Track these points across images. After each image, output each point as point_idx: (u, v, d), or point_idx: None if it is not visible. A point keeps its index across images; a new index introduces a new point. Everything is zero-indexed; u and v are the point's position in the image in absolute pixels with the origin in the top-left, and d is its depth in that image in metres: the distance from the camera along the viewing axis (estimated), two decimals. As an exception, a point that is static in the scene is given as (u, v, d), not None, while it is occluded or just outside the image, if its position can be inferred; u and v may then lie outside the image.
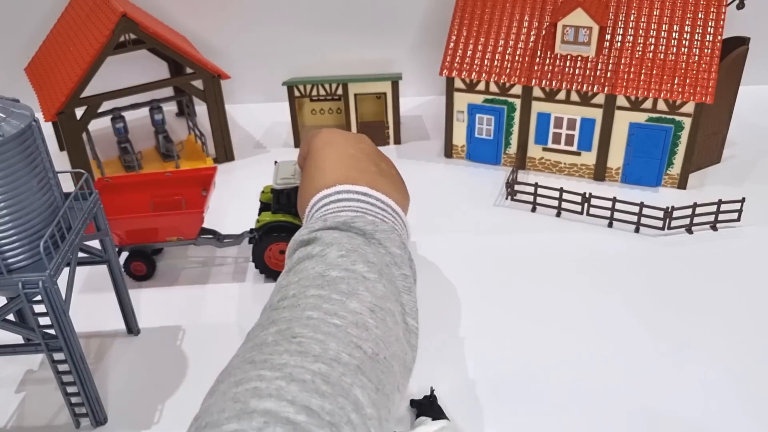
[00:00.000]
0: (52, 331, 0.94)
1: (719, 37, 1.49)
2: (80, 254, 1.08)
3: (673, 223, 1.43)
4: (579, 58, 1.54)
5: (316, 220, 0.82)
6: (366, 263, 0.75)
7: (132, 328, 1.21)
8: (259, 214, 1.30)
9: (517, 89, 1.60)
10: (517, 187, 1.55)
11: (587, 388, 1.07)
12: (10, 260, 0.91)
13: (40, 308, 0.92)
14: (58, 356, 0.96)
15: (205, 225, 1.33)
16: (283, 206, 1.24)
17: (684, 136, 1.52)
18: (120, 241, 1.30)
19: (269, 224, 1.25)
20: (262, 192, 1.33)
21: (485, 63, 1.61)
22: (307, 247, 0.78)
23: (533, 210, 1.53)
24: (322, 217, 0.83)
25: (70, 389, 0.99)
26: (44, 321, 0.93)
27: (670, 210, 1.41)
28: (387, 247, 0.79)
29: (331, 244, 0.76)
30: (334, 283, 0.72)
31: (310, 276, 0.73)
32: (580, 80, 1.53)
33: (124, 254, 1.33)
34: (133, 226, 1.28)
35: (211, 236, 1.36)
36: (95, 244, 1.11)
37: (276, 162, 1.26)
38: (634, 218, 1.43)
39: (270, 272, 1.31)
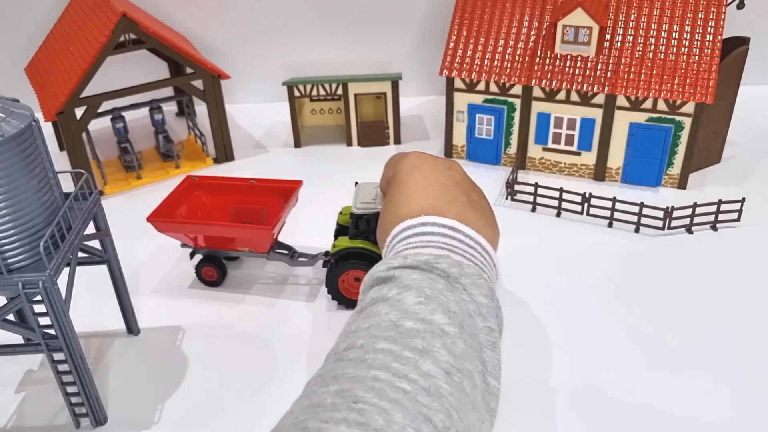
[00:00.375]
0: (52, 331, 0.94)
1: (719, 37, 1.49)
2: (80, 254, 1.08)
3: (673, 223, 1.43)
4: (579, 58, 1.54)
5: (395, 255, 0.74)
6: (446, 313, 0.67)
7: (132, 328, 1.21)
8: (336, 237, 1.25)
9: (517, 89, 1.61)
10: (517, 187, 1.55)
11: (587, 389, 1.06)
12: (10, 260, 0.91)
13: (40, 308, 0.92)
14: (58, 356, 0.96)
15: (282, 239, 1.32)
16: (361, 232, 1.17)
17: (684, 136, 1.52)
18: (195, 244, 1.30)
19: (346, 251, 1.18)
20: (340, 213, 1.28)
21: (485, 63, 1.61)
22: (383, 288, 0.70)
23: (533, 210, 1.53)
24: (402, 252, 0.75)
25: (70, 389, 0.99)
26: (44, 321, 0.93)
27: (670, 210, 1.41)
28: (472, 295, 0.71)
29: (409, 287, 0.69)
30: (407, 336, 0.64)
31: (382, 325, 0.66)
32: (580, 80, 1.53)
33: (197, 257, 1.32)
34: (207, 232, 1.27)
35: (285, 252, 1.31)
36: (95, 244, 1.11)
37: (356, 183, 1.19)
38: (634, 218, 1.43)
39: (343, 299, 1.23)
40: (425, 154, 0.91)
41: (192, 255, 1.33)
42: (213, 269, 1.31)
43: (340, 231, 1.26)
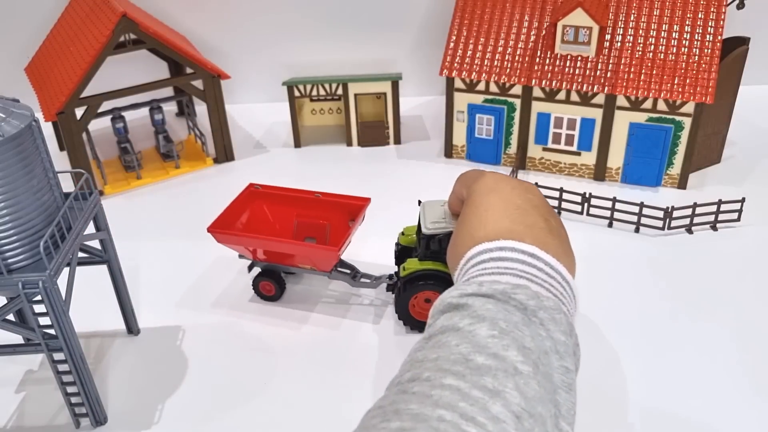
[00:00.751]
0: (52, 331, 0.94)
1: (719, 37, 1.49)
2: (80, 254, 1.08)
3: (673, 223, 1.43)
4: (579, 58, 1.54)
5: (470, 281, 0.70)
6: (521, 350, 0.62)
7: (132, 328, 1.21)
8: (398, 259, 1.21)
9: (517, 89, 1.60)
10: (517, 187, 1.55)
11: (587, 389, 1.06)
12: (10, 260, 0.91)
13: (40, 308, 0.92)
14: (58, 356, 0.96)
15: (344, 258, 1.26)
16: (433, 253, 1.11)
17: (684, 136, 1.52)
18: (254, 256, 1.26)
19: (416, 273, 1.14)
20: (402, 234, 1.23)
21: (485, 63, 1.61)
22: (455, 316, 0.66)
23: (533, 210, 1.53)
24: (477, 278, 0.71)
25: (70, 389, 0.99)
26: (44, 321, 0.93)
27: (670, 210, 1.41)
28: (550, 331, 0.66)
29: (482, 318, 0.64)
30: (478, 373, 0.60)
31: (452, 358, 0.61)
32: (580, 80, 1.53)
33: (256, 270, 1.28)
34: (269, 247, 1.23)
35: (347, 272, 1.26)
36: (95, 244, 1.11)
37: (420, 202, 1.12)
38: (634, 218, 1.43)
39: (413, 322, 1.19)
40: (503, 175, 0.86)
41: (250, 268, 1.29)
42: (271, 284, 1.26)
43: (403, 252, 1.21)
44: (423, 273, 1.13)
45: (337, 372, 1.13)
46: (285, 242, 1.25)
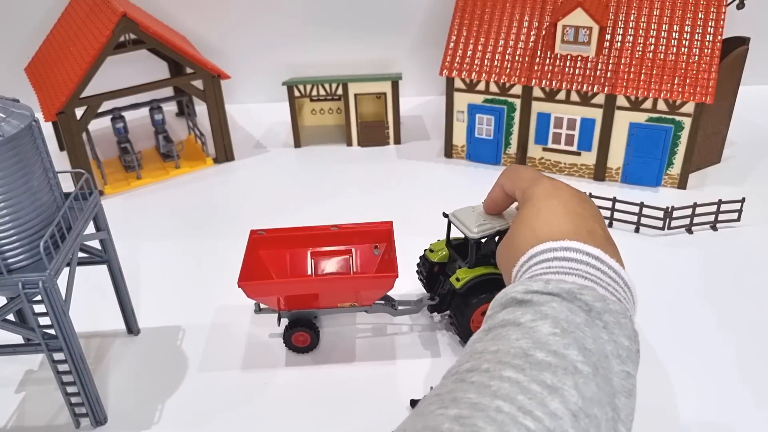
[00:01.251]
0: (52, 331, 0.94)
1: (719, 37, 1.49)
2: (80, 254, 1.08)
3: (673, 223, 1.43)
4: (579, 58, 1.54)
5: (536, 279, 0.69)
6: (581, 350, 0.62)
7: (132, 328, 1.21)
8: (428, 280, 1.17)
9: (517, 89, 1.61)
10: (517, 187, 1.55)
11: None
12: (10, 260, 0.91)
13: (40, 308, 0.92)
14: (58, 356, 0.96)
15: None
16: (482, 258, 1.08)
17: (684, 136, 1.52)
18: (281, 306, 1.14)
19: (476, 280, 1.08)
20: (431, 251, 1.18)
21: (485, 63, 1.61)
22: (517, 311, 0.66)
23: (533, 210, 1.53)
24: (543, 275, 0.71)
25: (70, 389, 0.99)
26: (44, 321, 0.93)
27: (670, 210, 1.41)
28: (613, 334, 0.66)
29: (545, 315, 0.64)
30: (538, 368, 0.59)
31: (512, 351, 0.61)
32: (580, 80, 1.53)
33: (284, 321, 1.17)
34: (318, 289, 1.12)
35: (383, 302, 1.17)
36: (95, 244, 1.11)
37: (447, 214, 1.10)
38: (634, 218, 1.43)
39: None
40: (561, 182, 0.88)
41: (280, 320, 1.18)
42: (306, 333, 1.14)
43: (433, 270, 1.17)
44: (481, 280, 1.08)
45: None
46: (340, 278, 1.16)
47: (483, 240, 1.05)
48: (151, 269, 1.39)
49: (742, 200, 1.42)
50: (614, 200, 1.44)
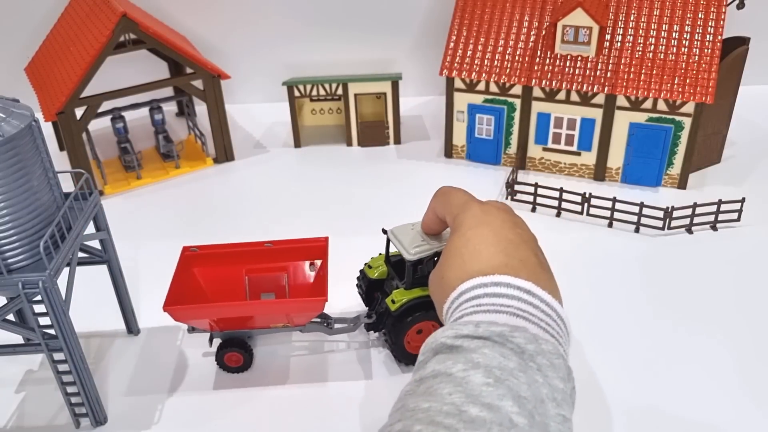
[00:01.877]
0: (52, 331, 0.94)
1: (719, 37, 1.49)
2: (80, 254, 1.08)
3: (673, 223, 1.43)
4: (579, 58, 1.54)
5: (465, 322, 0.67)
6: (516, 400, 0.59)
7: (132, 328, 1.21)
8: (367, 297, 1.15)
9: (517, 89, 1.61)
10: (517, 187, 1.55)
11: (585, 388, 1.06)
12: (10, 260, 0.91)
13: (40, 308, 0.92)
14: (58, 356, 0.96)
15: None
16: (420, 279, 1.04)
17: (684, 136, 1.52)
18: (213, 327, 1.11)
19: (410, 303, 1.06)
20: (369, 267, 1.15)
21: (485, 63, 1.61)
22: (448, 359, 0.63)
23: (533, 210, 1.53)
24: (472, 316, 0.68)
25: (70, 389, 0.99)
26: (44, 321, 0.93)
27: (670, 210, 1.41)
28: (547, 377, 0.63)
29: (477, 365, 0.61)
30: (472, 426, 0.56)
31: (444, 409, 0.58)
32: (580, 80, 1.53)
33: (216, 341, 1.14)
34: (246, 312, 1.09)
35: (319, 320, 1.14)
36: (95, 244, 1.11)
37: (386, 230, 1.07)
38: (634, 218, 1.43)
39: (409, 358, 1.10)
40: (491, 207, 0.83)
41: (212, 340, 1.15)
42: (239, 353, 1.11)
43: (371, 287, 1.15)
44: (413, 304, 1.06)
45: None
46: (271, 303, 1.12)
47: (421, 261, 1.01)
48: (151, 269, 1.39)
49: (742, 200, 1.42)
50: (614, 200, 1.44)
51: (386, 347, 1.15)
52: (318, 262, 1.17)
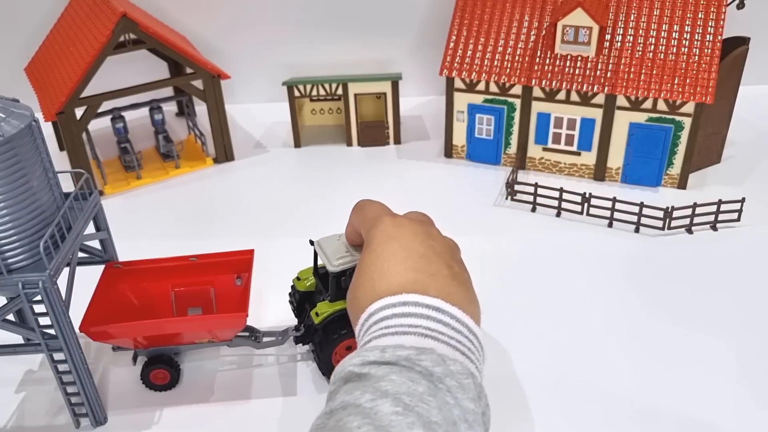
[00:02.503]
0: (52, 331, 0.94)
1: (719, 37, 1.49)
2: (80, 254, 1.08)
3: (673, 223, 1.43)
4: (579, 58, 1.54)
5: (372, 347, 0.65)
6: (427, 426, 0.58)
7: (132, 328, 1.21)
8: (298, 309, 1.13)
9: (517, 89, 1.61)
10: (517, 187, 1.55)
11: (586, 388, 1.06)
12: (10, 260, 0.91)
13: (40, 308, 0.92)
14: (58, 356, 0.96)
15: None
16: (343, 291, 0.99)
17: (684, 136, 1.52)
18: (137, 345, 1.08)
19: (333, 316, 1.03)
20: (298, 280, 1.12)
21: (485, 63, 1.61)
22: (356, 389, 0.61)
23: (533, 210, 1.53)
24: (381, 339, 0.67)
25: (70, 389, 0.99)
26: (44, 321, 0.93)
27: (670, 210, 1.41)
28: (458, 399, 0.62)
29: (385, 393, 0.60)
30: None
31: None
32: (580, 80, 1.53)
33: (141, 359, 1.11)
34: (164, 330, 1.06)
35: (247, 335, 1.12)
36: (95, 244, 1.11)
37: (313, 241, 1.05)
38: (634, 218, 1.43)
39: None
40: (403, 220, 0.80)
41: (135, 359, 1.12)
42: (165, 370, 1.08)
43: (303, 300, 1.12)
44: (339, 316, 1.03)
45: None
46: (188, 320, 1.09)
47: (344, 273, 0.99)
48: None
49: (742, 200, 1.42)
50: (614, 200, 1.44)
51: (315, 361, 1.11)
52: (244, 276, 1.14)
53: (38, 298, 0.90)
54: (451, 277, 0.73)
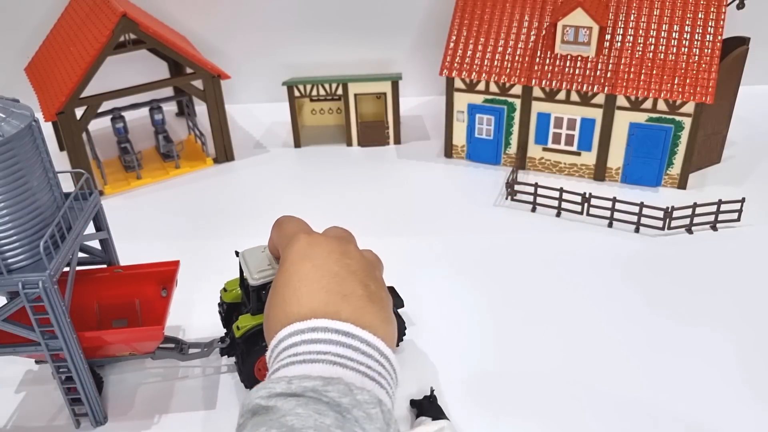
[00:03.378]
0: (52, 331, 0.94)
1: (719, 37, 1.49)
2: (80, 254, 1.08)
3: (673, 223, 1.43)
4: (579, 58, 1.54)
5: (279, 378, 0.64)
6: None
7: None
8: (226, 320, 1.12)
9: (517, 89, 1.61)
10: (517, 187, 1.55)
11: (587, 388, 1.06)
12: (10, 260, 0.91)
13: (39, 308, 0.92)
14: (59, 357, 0.96)
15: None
16: (264, 304, 0.99)
17: (684, 136, 1.52)
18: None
19: (254, 330, 1.02)
20: (225, 291, 1.12)
21: (485, 63, 1.61)
22: (262, 426, 0.60)
23: (533, 210, 1.53)
24: (289, 368, 0.66)
25: (70, 389, 0.99)
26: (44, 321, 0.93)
27: (670, 210, 1.41)
28: (366, 430, 0.62)
29: (292, 428, 0.59)
30: None
31: None
32: (580, 80, 1.53)
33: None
34: (81, 343, 1.01)
35: (172, 346, 1.10)
36: (95, 244, 1.11)
37: (238, 252, 1.03)
38: (634, 218, 1.43)
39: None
40: (318, 238, 0.79)
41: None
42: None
43: (230, 311, 1.11)
44: (261, 329, 1.00)
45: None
46: (103, 334, 1.05)
47: (265, 286, 0.97)
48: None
49: (742, 200, 1.42)
50: (614, 200, 1.44)
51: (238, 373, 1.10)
52: (168, 287, 1.12)
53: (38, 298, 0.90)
54: (366, 297, 0.71)
